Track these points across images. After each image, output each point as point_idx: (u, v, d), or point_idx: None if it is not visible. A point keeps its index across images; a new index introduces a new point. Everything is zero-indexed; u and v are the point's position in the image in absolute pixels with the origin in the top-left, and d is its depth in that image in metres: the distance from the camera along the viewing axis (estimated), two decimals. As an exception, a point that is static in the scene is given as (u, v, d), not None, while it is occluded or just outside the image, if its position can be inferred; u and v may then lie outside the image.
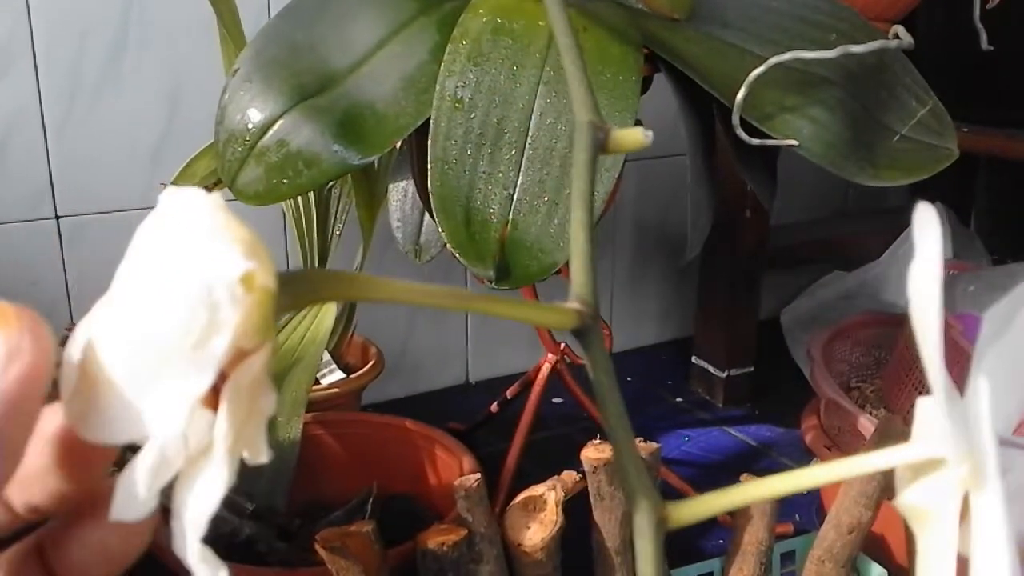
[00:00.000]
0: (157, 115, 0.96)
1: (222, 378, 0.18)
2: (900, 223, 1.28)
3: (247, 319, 0.18)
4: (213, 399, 0.18)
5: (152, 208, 0.69)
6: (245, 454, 0.19)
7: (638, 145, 0.24)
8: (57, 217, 0.95)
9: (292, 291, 0.19)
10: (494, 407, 1.01)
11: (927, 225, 0.18)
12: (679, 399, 1.19)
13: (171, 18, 0.94)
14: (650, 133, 0.23)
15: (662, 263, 1.32)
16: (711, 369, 1.17)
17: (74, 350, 0.19)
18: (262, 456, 0.19)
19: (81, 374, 0.19)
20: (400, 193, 0.89)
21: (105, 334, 0.19)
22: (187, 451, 0.18)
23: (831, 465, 0.21)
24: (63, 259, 0.96)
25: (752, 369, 1.16)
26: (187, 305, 0.17)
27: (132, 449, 0.19)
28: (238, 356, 0.18)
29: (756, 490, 0.21)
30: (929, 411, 0.20)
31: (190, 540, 0.18)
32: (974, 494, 0.18)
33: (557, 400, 1.09)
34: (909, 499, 0.20)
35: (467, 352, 1.21)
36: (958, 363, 0.80)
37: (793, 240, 1.32)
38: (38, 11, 0.89)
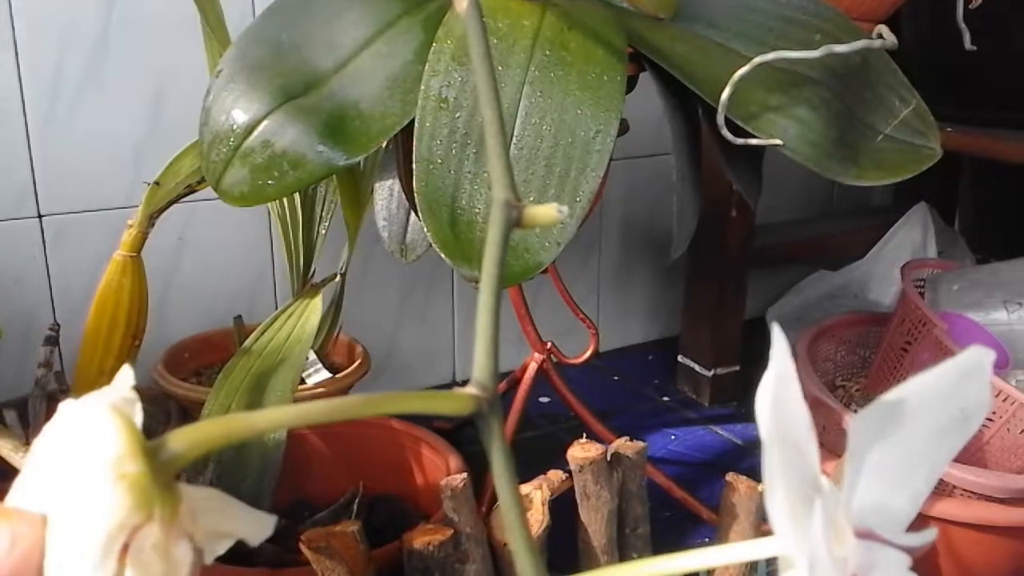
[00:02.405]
0: (141, 114, 0.96)
1: (124, 550, 0.20)
2: (885, 222, 1.28)
3: (125, 504, 0.20)
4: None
5: (135, 207, 0.69)
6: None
7: (551, 221, 0.24)
8: (40, 216, 0.95)
9: (162, 461, 0.21)
10: (481, 406, 1.01)
11: (778, 337, 0.19)
12: (665, 398, 1.19)
13: (155, 16, 0.94)
14: (565, 208, 0.24)
15: (649, 262, 1.33)
16: (697, 368, 1.17)
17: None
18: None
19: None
20: (386, 192, 0.88)
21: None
22: None
23: (673, 559, 0.21)
24: (46, 258, 0.96)
25: (738, 368, 1.17)
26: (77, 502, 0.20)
27: None
28: (133, 531, 0.20)
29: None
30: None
31: None
32: None
33: (544, 399, 1.09)
34: None
35: (454, 351, 1.21)
36: (940, 360, 0.80)
37: (778, 239, 1.32)
38: (20, 9, 0.89)
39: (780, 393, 0.19)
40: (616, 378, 1.25)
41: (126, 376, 0.22)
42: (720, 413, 1.15)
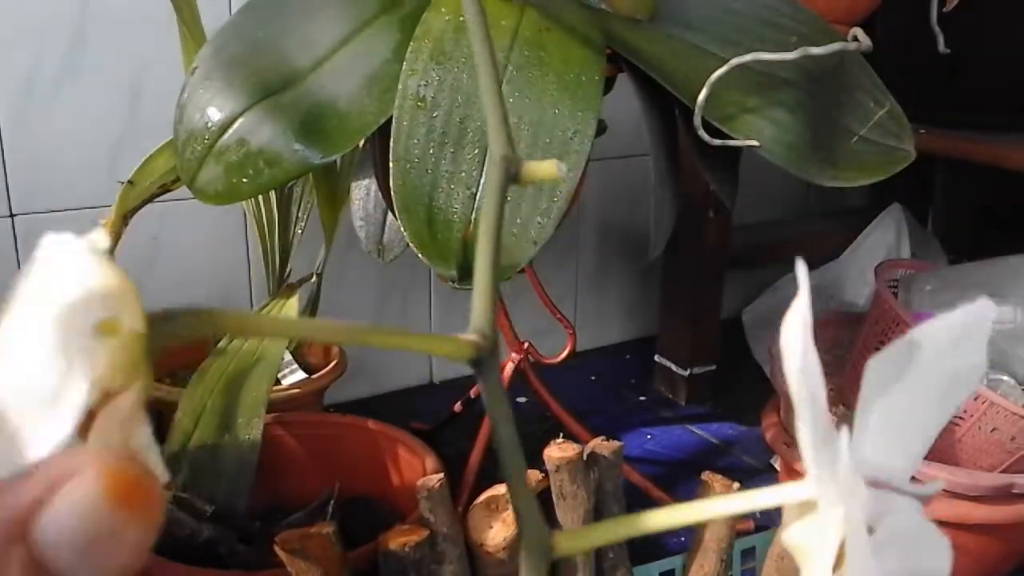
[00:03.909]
0: (116, 112, 0.95)
1: (89, 417, 0.19)
2: (859, 224, 1.29)
3: (111, 362, 0.18)
4: (86, 430, 0.19)
5: (109, 206, 0.68)
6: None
7: (551, 177, 0.24)
8: (12, 215, 0.93)
9: (161, 331, 0.20)
10: (458, 407, 1.01)
11: (802, 278, 0.19)
12: (642, 397, 1.19)
13: (130, 13, 0.93)
14: (564, 166, 0.24)
15: (626, 263, 1.33)
16: (674, 367, 1.18)
17: None
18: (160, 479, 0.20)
19: None
20: (363, 192, 0.88)
21: None
22: None
23: (707, 503, 0.22)
24: (18, 257, 0.95)
25: (714, 367, 1.17)
26: (46, 355, 0.18)
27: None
28: (105, 396, 0.19)
29: (629, 526, 0.21)
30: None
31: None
32: (847, 539, 0.19)
33: (521, 399, 1.09)
34: (791, 536, 0.20)
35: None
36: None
37: (755, 240, 1.33)
38: (-8, 5, 0.88)
39: (806, 340, 0.19)
40: (593, 378, 1.25)
41: (99, 235, 0.19)
42: (696, 412, 1.16)
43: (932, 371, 0.21)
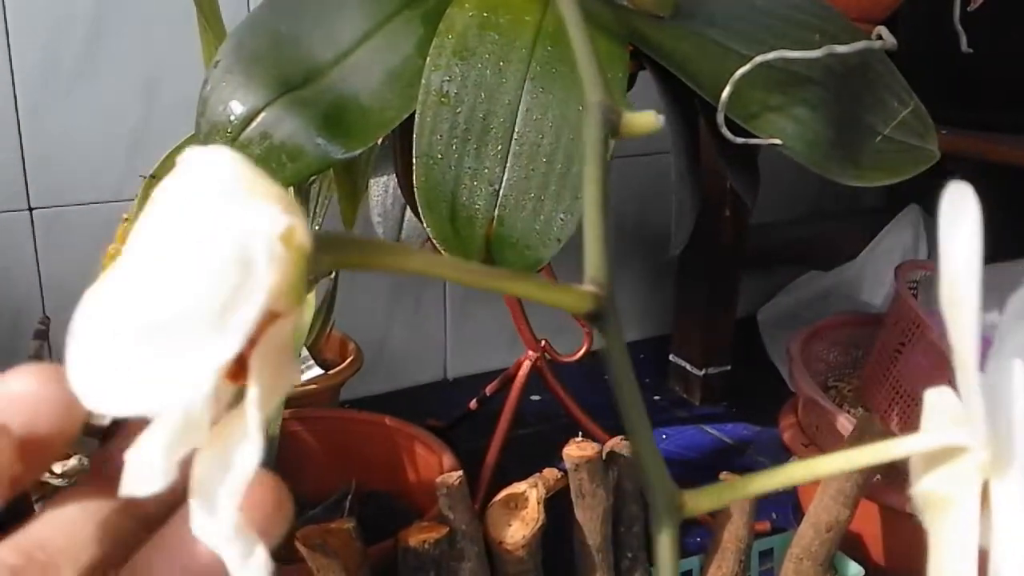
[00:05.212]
0: (134, 105, 0.95)
1: (249, 345, 0.17)
2: (876, 224, 1.29)
3: (282, 279, 0.17)
4: (234, 370, 0.17)
5: (129, 200, 0.68)
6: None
7: (650, 128, 0.23)
8: (31, 208, 0.94)
9: (330, 253, 0.18)
10: (473, 404, 1.01)
11: (963, 201, 0.18)
12: (657, 397, 1.19)
13: (149, 6, 0.93)
14: (662, 117, 0.22)
15: (641, 261, 1.32)
16: (689, 367, 1.17)
17: (84, 314, 0.18)
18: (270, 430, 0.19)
19: (92, 339, 0.18)
20: (381, 188, 0.88)
21: (119, 297, 0.17)
22: (207, 424, 0.17)
23: (847, 453, 0.21)
24: (36, 251, 0.95)
25: (729, 368, 1.17)
26: (218, 263, 0.16)
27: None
28: (268, 319, 0.17)
29: (769, 480, 0.21)
30: (942, 400, 0.20)
31: (226, 515, 0.17)
32: (996, 481, 0.18)
33: (536, 397, 1.09)
34: (926, 486, 0.19)
35: (446, 348, 1.20)
36: (934, 362, 0.80)
37: (771, 239, 1.32)
38: (12, -1, 0.88)
39: (976, 273, 0.18)
40: (607, 377, 1.24)
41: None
42: (711, 412, 1.15)
43: None
